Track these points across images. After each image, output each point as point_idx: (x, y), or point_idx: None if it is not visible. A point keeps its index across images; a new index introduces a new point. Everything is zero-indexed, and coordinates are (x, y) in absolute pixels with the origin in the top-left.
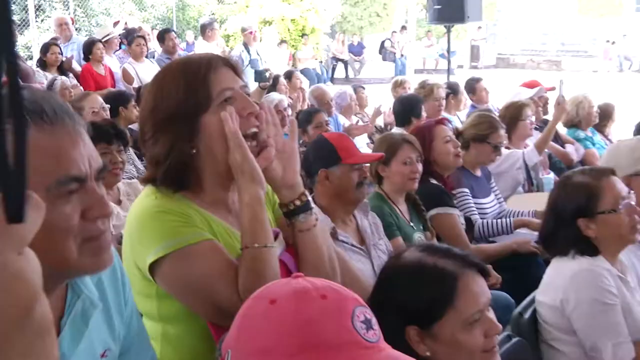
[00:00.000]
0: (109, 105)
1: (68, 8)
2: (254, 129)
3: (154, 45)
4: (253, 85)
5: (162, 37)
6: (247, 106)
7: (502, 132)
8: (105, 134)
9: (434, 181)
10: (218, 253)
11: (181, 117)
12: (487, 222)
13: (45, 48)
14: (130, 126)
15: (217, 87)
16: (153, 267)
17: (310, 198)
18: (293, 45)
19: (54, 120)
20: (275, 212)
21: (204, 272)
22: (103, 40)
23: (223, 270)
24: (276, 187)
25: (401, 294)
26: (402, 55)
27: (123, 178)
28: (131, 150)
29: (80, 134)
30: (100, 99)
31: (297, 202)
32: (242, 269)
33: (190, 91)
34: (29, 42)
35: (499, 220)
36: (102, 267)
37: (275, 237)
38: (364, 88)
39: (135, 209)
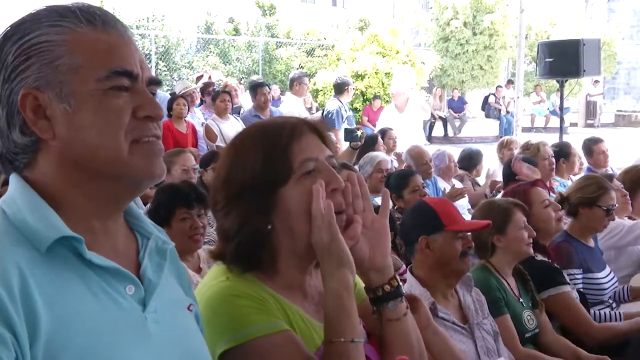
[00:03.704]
0: (198, 167)
1: (150, 61)
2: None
3: (239, 100)
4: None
5: (254, 90)
6: (333, 181)
7: (614, 194)
8: (185, 198)
9: (538, 257)
10: (295, 347)
11: (257, 190)
12: (603, 314)
13: None
14: None
15: (300, 157)
16: (223, 358)
17: (401, 283)
18: (387, 101)
19: (107, 23)
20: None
21: None
22: (180, 94)
23: None
24: (363, 269)
25: None
26: (507, 112)
27: (204, 242)
28: None
29: (132, 42)
30: (193, 159)
31: (387, 288)
32: None
33: (269, 162)
34: None
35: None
36: (153, 172)
37: None
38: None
39: (204, 290)
